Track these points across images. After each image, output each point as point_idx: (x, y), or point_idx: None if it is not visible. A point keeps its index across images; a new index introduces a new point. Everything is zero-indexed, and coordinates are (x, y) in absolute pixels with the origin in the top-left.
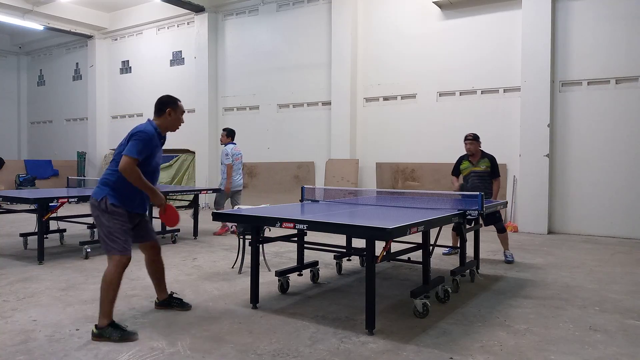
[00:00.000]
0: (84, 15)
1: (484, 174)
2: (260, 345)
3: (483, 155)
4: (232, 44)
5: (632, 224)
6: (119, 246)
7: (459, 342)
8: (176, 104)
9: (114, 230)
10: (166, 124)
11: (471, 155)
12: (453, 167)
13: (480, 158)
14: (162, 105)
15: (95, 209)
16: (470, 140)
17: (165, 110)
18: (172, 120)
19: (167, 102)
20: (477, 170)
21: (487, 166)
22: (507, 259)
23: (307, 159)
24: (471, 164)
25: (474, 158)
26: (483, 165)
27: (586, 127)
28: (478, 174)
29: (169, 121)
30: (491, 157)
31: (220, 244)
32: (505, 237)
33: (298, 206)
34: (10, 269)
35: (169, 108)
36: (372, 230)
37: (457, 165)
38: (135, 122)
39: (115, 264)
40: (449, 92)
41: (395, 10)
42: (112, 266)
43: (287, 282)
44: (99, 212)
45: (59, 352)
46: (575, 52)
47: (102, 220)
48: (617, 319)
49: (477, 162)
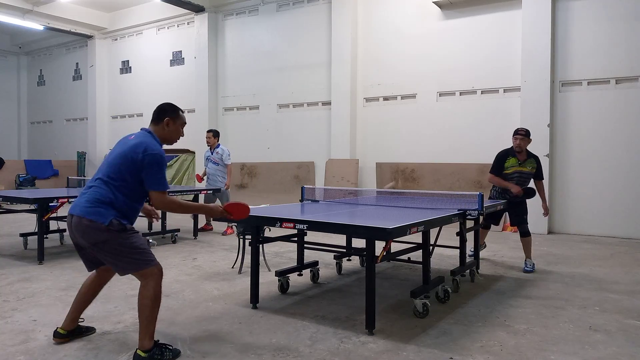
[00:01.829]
0: (84, 15)
1: (529, 176)
2: (260, 345)
3: (529, 155)
4: (232, 44)
5: (632, 224)
6: (151, 256)
7: (459, 342)
8: (177, 113)
9: (138, 244)
10: (164, 134)
11: (519, 152)
12: (493, 164)
13: (527, 157)
14: (160, 113)
15: (102, 233)
16: (522, 136)
17: (163, 120)
18: (169, 132)
19: (167, 111)
20: (523, 172)
21: (533, 167)
22: (526, 268)
23: (307, 159)
24: (518, 163)
25: (521, 156)
26: (529, 166)
27: (586, 127)
28: (523, 175)
29: (167, 132)
30: (537, 158)
31: (220, 244)
32: (527, 243)
33: (298, 206)
34: (10, 269)
35: (167, 117)
36: (372, 230)
37: (502, 162)
38: (135, 122)
39: (155, 277)
40: (449, 92)
41: (395, 10)
42: (152, 280)
43: (287, 282)
44: (110, 235)
45: (59, 352)
46: (575, 52)
47: (119, 241)
48: (617, 319)
49: (524, 162)
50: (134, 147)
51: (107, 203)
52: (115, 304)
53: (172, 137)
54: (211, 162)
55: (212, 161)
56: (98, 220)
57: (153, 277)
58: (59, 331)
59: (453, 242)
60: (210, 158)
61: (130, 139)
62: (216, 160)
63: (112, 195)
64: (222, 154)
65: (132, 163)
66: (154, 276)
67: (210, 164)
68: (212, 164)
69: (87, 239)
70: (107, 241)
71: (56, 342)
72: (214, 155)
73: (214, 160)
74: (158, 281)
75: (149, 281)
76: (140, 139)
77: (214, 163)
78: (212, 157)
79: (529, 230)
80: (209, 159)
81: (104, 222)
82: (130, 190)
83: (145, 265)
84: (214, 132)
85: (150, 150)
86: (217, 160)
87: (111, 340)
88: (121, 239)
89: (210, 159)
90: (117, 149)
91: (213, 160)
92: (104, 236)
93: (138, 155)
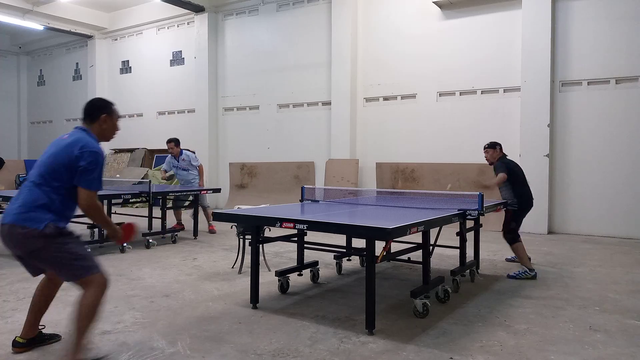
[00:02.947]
0: (84, 15)
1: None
2: (260, 345)
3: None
4: (232, 44)
5: (632, 224)
6: (93, 263)
7: (459, 342)
8: (112, 108)
9: (78, 250)
10: (101, 132)
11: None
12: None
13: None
14: (95, 110)
15: (37, 240)
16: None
17: (100, 117)
18: (107, 129)
19: (101, 107)
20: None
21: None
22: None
23: (307, 159)
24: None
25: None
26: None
27: (586, 127)
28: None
29: (104, 129)
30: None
31: (220, 244)
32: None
33: (298, 206)
34: (10, 269)
35: (104, 114)
36: (372, 230)
37: None
38: (135, 122)
39: (97, 285)
40: (449, 92)
41: (395, 10)
42: (94, 288)
43: (287, 282)
44: (45, 241)
45: (59, 352)
46: (575, 52)
47: (56, 247)
48: (617, 319)
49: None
50: (70, 145)
51: (41, 206)
52: (115, 304)
53: (110, 133)
54: (181, 169)
55: (182, 168)
56: (32, 226)
57: (95, 285)
58: (17, 340)
59: (453, 242)
60: (178, 166)
61: (64, 138)
62: (185, 167)
63: (47, 197)
64: (189, 158)
65: (69, 161)
66: (96, 284)
67: (181, 171)
68: (182, 171)
69: (23, 248)
70: (43, 248)
71: (14, 352)
72: (181, 162)
73: (183, 167)
74: (100, 291)
75: (90, 289)
76: (77, 137)
77: (184, 170)
78: (180, 164)
79: (515, 237)
80: (177, 167)
81: (39, 227)
82: (66, 190)
83: (86, 273)
84: (175, 140)
85: (88, 147)
86: (187, 166)
87: (111, 340)
88: (58, 244)
89: (179, 166)
90: (51, 149)
91: (182, 167)
92: (39, 243)
93: (74, 152)
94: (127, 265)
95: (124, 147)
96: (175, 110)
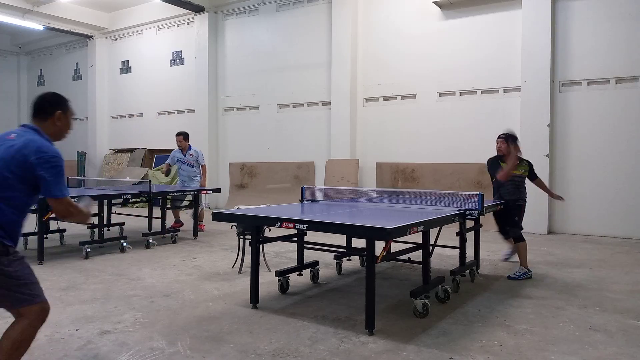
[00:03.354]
0: (84, 15)
1: (521, 179)
2: (260, 345)
3: (521, 159)
4: (232, 44)
5: (632, 224)
6: (37, 291)
7: (459, 342)
8: (67, 104)
9: (26, 274)
10: (55, 131)
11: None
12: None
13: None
14: (49, 105)
15: None
16: (502, 139)
17: (54, 114)
18: (61, 127)
19: (55, 103)
20: (516, 175)
21: (525, 170)
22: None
23: (307, 159)
24: None
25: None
26: (522, 169)
27: (586, 127)
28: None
29: (58, 128)
30: (529, 162)
31: (220, 244)
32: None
33: (298, 206)
34: None
35: (59, 111)
36: (372, 230)
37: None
38: (135, 122)
39: (34, 317)
40: (449, 92)
41: (395, 10)
42: (34, 319)
43: (287, 282)
44: None
45: (58, 352)
46: (575, 52)
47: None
48: (617, 319)
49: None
50: (22, 148)
51: None
52: (115, 304)
53: (63, 132)
54: (185, 164)
55: (187, 163)
56: None
57: (34, 316)
58: None
59: (453, 242)
60: (184, 160)
61: (10, 139)
62: (191, 162)
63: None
64: (197, 155)
65: (22, 170)
66: (36, 315)
67: (185, 166)
68: (186, 166)
69: None
70: None
71: None
72: (188, 157)
73: (189, 163)
74: (39, 322)
75: (28, 319)
76: (27, 138)
77: (189, 165)
78: (186, 159)
79: (521, 235)
80: (182, 162)
81: None
82: (17, 201)
83: (26, 303)
84: (184, 134)
85: (44, 152)
86: (193, 163)
87: (111, 340)
88: (2, 265)
89: (185, 161)
90: None
91: (188, 162)
92: None
93: (29, 159)
94: (127, 265)
95: (124, 147)
96: (175, 110)
